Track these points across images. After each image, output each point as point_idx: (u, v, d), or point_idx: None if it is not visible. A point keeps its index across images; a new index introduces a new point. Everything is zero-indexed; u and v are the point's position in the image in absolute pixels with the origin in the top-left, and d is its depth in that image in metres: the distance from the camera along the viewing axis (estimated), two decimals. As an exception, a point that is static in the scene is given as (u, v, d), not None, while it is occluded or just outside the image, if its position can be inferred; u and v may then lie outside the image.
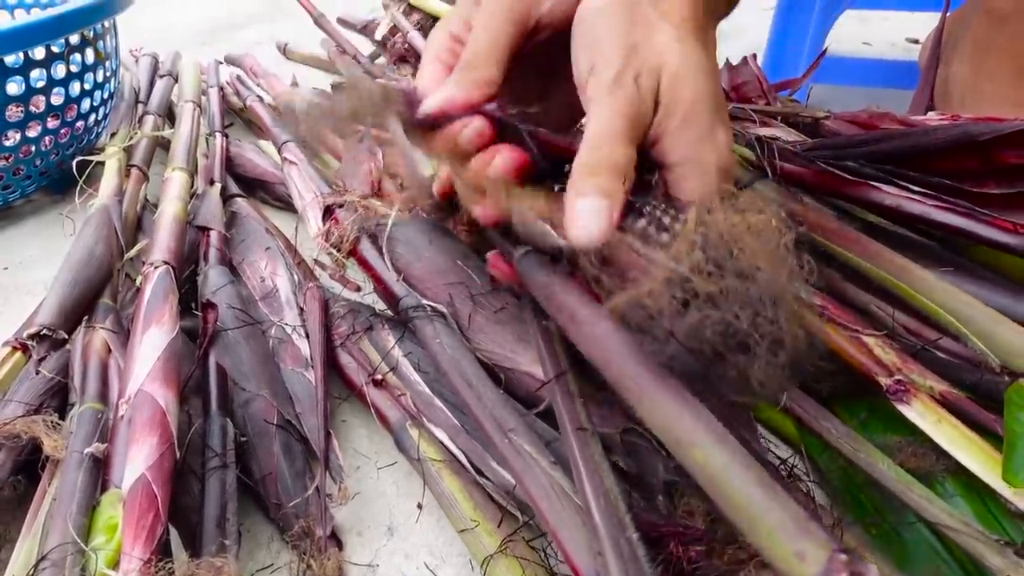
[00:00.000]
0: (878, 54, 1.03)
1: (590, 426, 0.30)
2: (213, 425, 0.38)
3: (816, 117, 0.51)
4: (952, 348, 0.37)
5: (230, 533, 0.33)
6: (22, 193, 0.70)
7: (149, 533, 0.30)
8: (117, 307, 0.47)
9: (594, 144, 0.30)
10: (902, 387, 0.35)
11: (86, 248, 0.49)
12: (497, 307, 0.41)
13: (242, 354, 0.43)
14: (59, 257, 0.49)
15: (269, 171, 0.68)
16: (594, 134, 0.30)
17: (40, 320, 0.42)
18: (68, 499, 0.31)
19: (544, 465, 0.31)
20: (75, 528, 0.30)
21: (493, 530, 0.33)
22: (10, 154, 0.64)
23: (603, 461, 0.29)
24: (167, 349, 0.38)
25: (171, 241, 0.48)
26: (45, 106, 0.65)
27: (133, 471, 0.32)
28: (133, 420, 0.34)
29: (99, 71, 0.70)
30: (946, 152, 0.37)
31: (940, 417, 0.34)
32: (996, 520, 0.32)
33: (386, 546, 0.36)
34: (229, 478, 0.36)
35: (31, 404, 0.38)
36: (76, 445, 0.34)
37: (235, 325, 0.45)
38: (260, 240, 0.55)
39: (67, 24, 0.62)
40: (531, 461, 0.31)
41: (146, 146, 0.67)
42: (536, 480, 0.30)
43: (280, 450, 0.38)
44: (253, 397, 0.41)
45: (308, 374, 0.43)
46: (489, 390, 0.36)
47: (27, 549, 0.31)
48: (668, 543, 0.27)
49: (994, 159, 0.36)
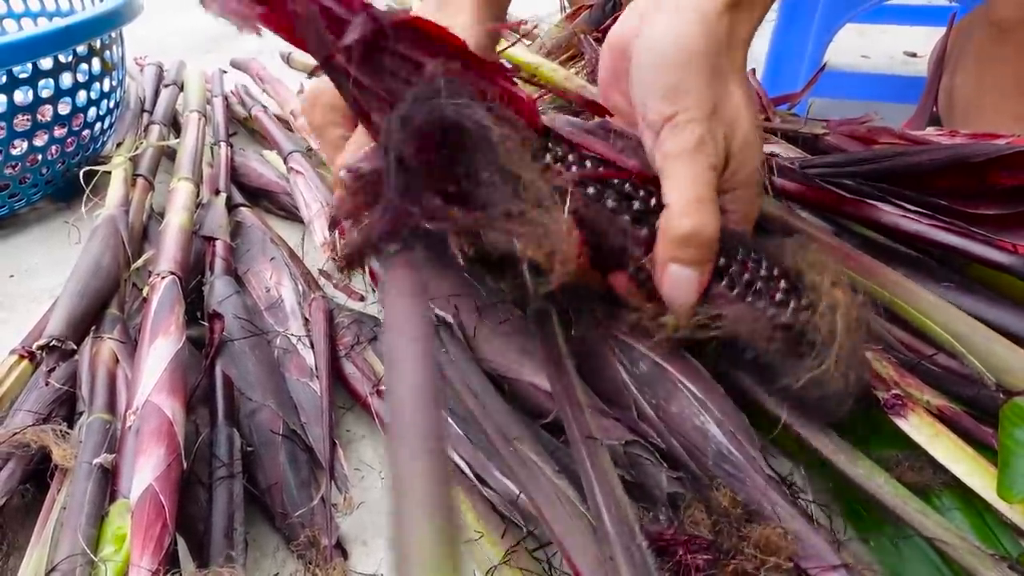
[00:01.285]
0: (877, 67, 1.04)
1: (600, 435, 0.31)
2: (220, 435, 0.39)
3: (815, 133, 0.52)
4: (948, 364, 0.37)
5: (237, 543, 0.34)
6: (28, 201, 0.71)
7: (157, 543, 0.30)
8: (124, 317, 0.47)
9: (684, 211, 0.30)
10: (899, 401, 0.35)
11: (93, 259, 0.49)
12: (502, 319, 0.41)
13: (248, 364, 0.44)
14: (64, 265, 0.49)
15: (273, 181, 0.68)
16: (684, 199, 0.30)
17: (49, 331, 0.42)
18: (77, 510, 0.32)
19: (549, 474, 0.31)
20: (84, 539, 0.30)
21: (497, 540, 0.33)
22: (17, 163, 0.65)
23: (612, 470, 0.29)
24: (174, 359, 0.38)
25: (177, 252, 0.49)
26: (52, 115, 0.65)
27: (141, 482, 0.32)
28: (140, 430, 0.35)
29: (105, 81, 0.71)
30: (943, 172, 0.38)
31: (937, 431, 0.34)
32: (992, 533, 0.33)
33: (389, 555, 0.37)
34: (236, 488, 0.36)
35: (40, 413, 0.39)
36: (85, 456, 0.35)
37: (241, 335, 0.46)
38: (265, 250, 0.56)
39: (74, 35, 0.63)
40: (536, 470, 0.32)
41: (152, 156, 0.67)
42: (541, 489, 0.31)
43: (286, 460, 0.38)
44: (259, 407, 0.41)
45: (313, 384, 0.44)
46: (494, 400, 0.36)
47: (36, 558, 0.32)
48: (676, 552, 0.28)
49: (989, 180, 0.37)
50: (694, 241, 0.30)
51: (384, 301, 0.31)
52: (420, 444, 0.21)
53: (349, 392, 0.44)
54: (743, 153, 0.32)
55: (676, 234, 0.30)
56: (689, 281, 0.31)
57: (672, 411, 0.35)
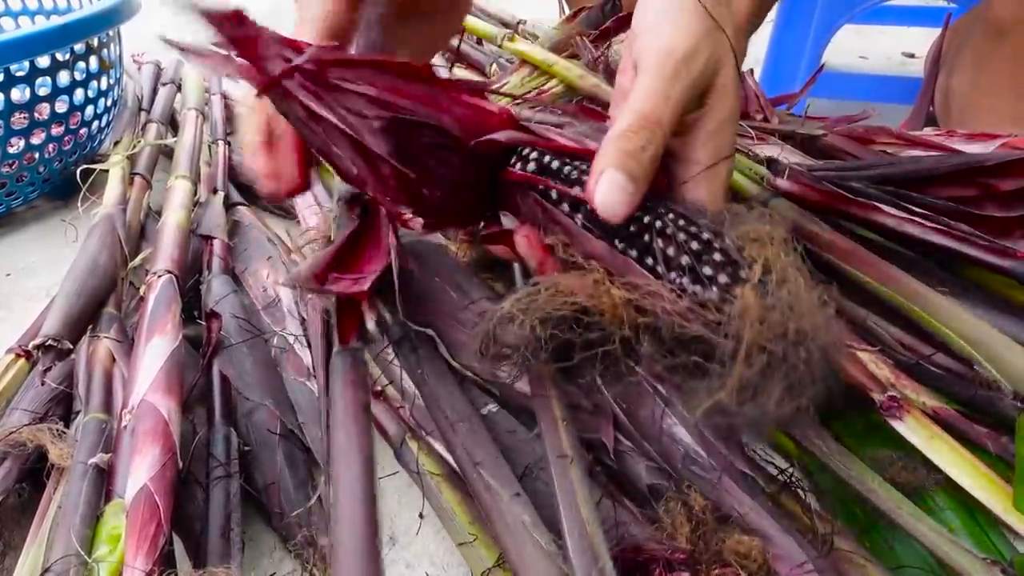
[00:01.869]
0: (875, 68, 1.04)
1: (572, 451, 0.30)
2: (217, 434, 0.39)
3: (813, 134, 0.52)
4: (946, 363, 0.37)
5: (234, 543, 0.34)
6: (25, 199, 0.71)
7: (152, 544, 0.30)
8: (121, 316, 0.47)
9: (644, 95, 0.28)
10: (895, 403, 0.35)
11: (90, 257, 0.49)
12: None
13: (245, 364, 0.44)
14: (61, 263, 0.49)
15: (271, 180, 0.68)
16: (646, 86, 0.28)
17: (45, 330, 0.42)
18: (72, 510, 0.32)
19: (506, 499, 0.30)
20: (79, 539, 0.30)
21: (491, 543, 0.33)
22: (14, 161, 0.65)
23: (583, 489, 0.28)
24: (170, 359, 0.38)
25: (174, 250, 0.49)
26: (49, 114, 0.65)
27: (136, 481, 0.32)
28: (136, 430, 0.35)
29: (103, 79, 0.71)
30: (949, 177, 0.38)
31: (932, 433, 0.34)
32: (986, 534, 0.33)
33: (388, 555, 0.37)
34: (233, 487, 0.36)
35: (37, 413, 0.39)
36: (80, 456, 0.35)
37: (238, 334, 0.45)
38: (262, 249, 0.56)
39: (72, 33, 0.63)
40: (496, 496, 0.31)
41: (149, 154, 0.67)
42: (500, 516, 0.30)
43: (283, 459, 0.38)
44: (256, 407, 0.41)
45: (310, 383, 0.44)
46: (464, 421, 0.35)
47: (32, 559, 0.32)
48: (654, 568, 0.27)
49: (993, 186, 0.37)
50: (642, 132, 0.27)
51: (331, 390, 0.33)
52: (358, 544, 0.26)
53: (346, 392, 0.44)
54: (723, 90, 0.30)
55: (625, 123, 0.28)
56: (623, 189, 0.27)
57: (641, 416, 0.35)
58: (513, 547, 0.29)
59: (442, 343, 0.38)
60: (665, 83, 0.28)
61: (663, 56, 0.29)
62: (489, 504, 0.31)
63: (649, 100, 0.28)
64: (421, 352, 0.36)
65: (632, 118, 0.28)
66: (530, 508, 0.30)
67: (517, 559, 0.28)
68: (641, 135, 0.27)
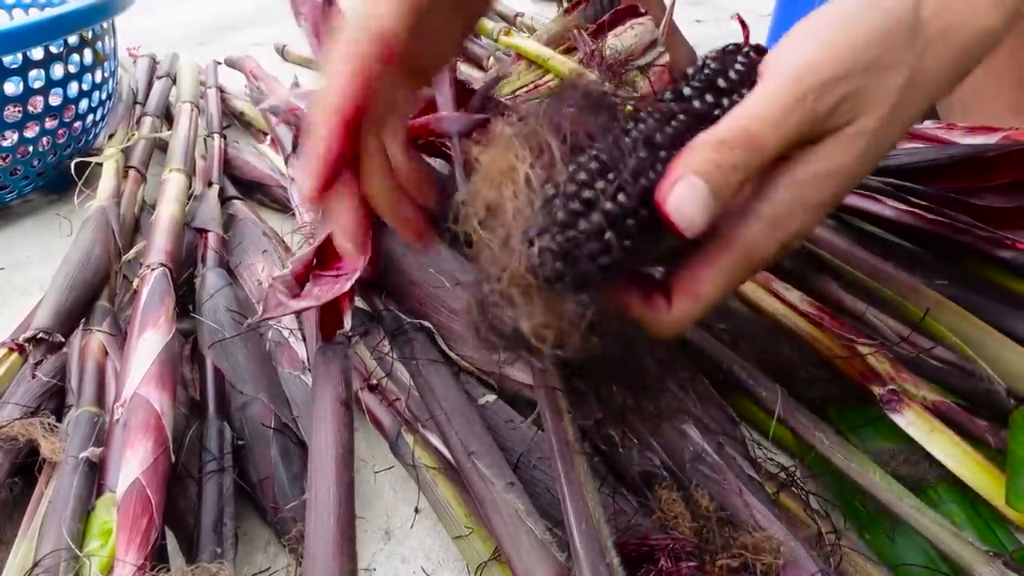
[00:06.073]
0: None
1: (578, 444, 0.30)
2: (211, 428, 0.38)
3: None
4: (945, 356, 0.37)
5: (227, 537, 0.33)
6: (19, 193, 0.70)
7: (143, 538, 0.30)
8: (114, 309, 0.47)
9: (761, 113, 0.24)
10: (895, 397, 0.35)
11: (83, 250, 0.49)
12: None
13: (239, 357, 0.43)
14: (56, 257, 0.49)
15: (267, 173, 0.68)
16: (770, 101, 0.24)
17: (37, 323, 0.42)
18: (63, 504, 0.31)
19: (500, 489, 0.31)
20: (69, 533, 0.30)
21: (487, 536, 0.33)
22: (8, 155, 0.64)
23: (588, 481, 0.28)
24: (163, 352, 0.38)
25: (168, 243, 0.48)
26: (43, 107, 0.65)
27: (127, 475, 0.32)
28: (128, 424, 0.34)
29: (97, 72, 0.70)
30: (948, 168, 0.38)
31: (932, 427, 0.34)
32: (988, 526, 0.33)
33: (383, 550, 0.37)
34: (226, 482, 0.36)
35: (28, 406, 0.38)
36: (72, 449, 0.34)
37: (232, 328, 0.45)
38: (257, 243, 0.55)
39: (66, 25, 0.62)
40: (489, 486, 0.31)
41: (144, 147, 0.67)
42: (494, 506, 0.30)
43: (277, 454, 0.38)
44: (251, 400, 0.41)
45: (305, 377, 0.43)
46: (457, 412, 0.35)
47: (23, 553, 0.31)
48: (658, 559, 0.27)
49: (995, 176, 0.37)
50: (738, 151, 0.23)
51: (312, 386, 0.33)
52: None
53: (341, 386, 0.44)
54: (846, 142, 0.24)
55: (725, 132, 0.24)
56: (703, 201, 0.23)
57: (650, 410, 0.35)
58: (507, 536, 0.29)
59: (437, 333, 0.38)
60: (783, 109, 0.24)
61: (797, 72, 0.24)
62: (483, 494, 0.31)
63: (758, 119, 0.24)
64: (415, 343, 0.36)
65: (735, 131, 0.24)
66: (524, 497, 0.30)
67: (511, 548, 0.28)
68: (736, 154, 0.23)
